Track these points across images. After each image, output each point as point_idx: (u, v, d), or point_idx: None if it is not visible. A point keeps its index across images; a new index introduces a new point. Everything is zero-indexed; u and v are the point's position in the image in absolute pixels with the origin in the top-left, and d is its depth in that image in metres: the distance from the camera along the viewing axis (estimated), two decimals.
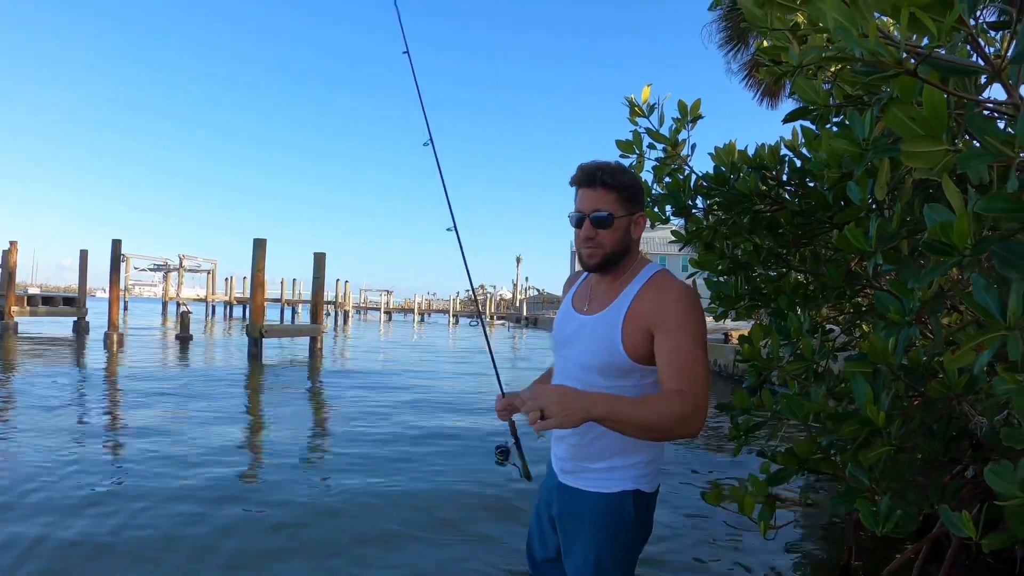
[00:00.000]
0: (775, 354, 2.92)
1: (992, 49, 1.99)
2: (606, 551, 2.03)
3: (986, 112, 1.58)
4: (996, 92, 1.78)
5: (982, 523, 1.50)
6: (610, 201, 1.96)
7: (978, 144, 1.26)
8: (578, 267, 2.20)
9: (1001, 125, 1.51)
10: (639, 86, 3.45)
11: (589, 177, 1.97)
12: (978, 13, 1.40)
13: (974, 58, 1.53)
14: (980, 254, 1.11)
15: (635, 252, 2.08)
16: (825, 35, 2.59)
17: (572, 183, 2.04)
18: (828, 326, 3.48)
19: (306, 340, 22.68)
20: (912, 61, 1.20)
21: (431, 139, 2.64)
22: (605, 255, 1.99)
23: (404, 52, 2.79)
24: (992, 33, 1.97)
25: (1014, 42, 1.16)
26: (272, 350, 21.78)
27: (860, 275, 3.31)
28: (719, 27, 15.82)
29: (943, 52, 1.24)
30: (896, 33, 1.43)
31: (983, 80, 1.81)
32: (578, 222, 1.99)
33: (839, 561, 4.49)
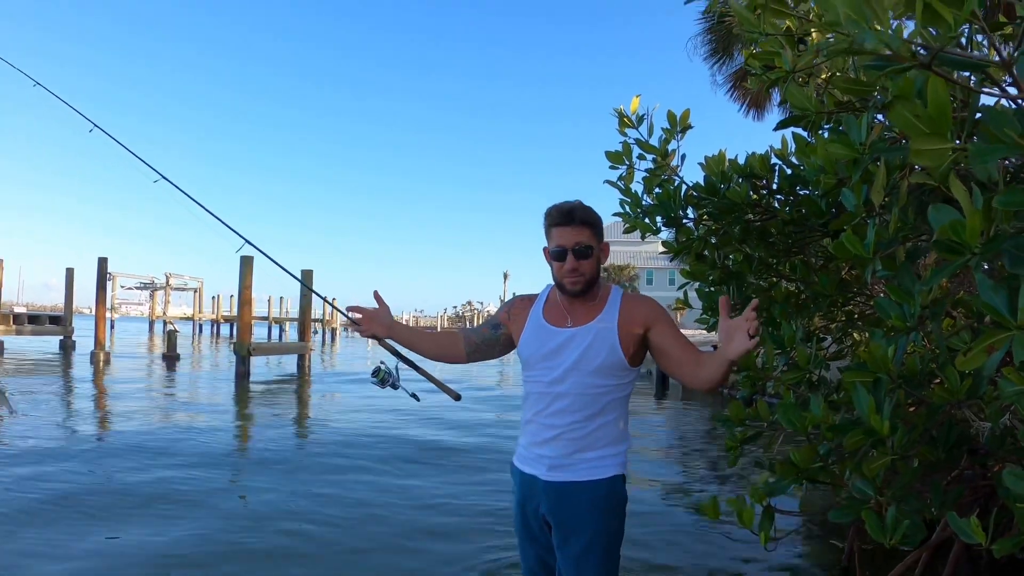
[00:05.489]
0: (770, 364, 2.91)
1: (976, 53, 1.99)
2: (604, 533, 2.23)
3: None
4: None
5: (991, 528, 1.47)
6: (587, 235, 2.24)
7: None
8: (523, 292, 2.60)
9: None
10: (625, 102, 3.43)
11: (567, 216, 2.24)
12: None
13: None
14: (991, 252, 1.09)
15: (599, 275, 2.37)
16: (815, 33, 2.60)
17: (550, 224, 2.28)
18: (819, 335, 3.47)
19: (294, 358, 22.60)
20: (922, 53, 1.19)
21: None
22: (587, 281, 2.26)
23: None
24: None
25: None
26: (260, 368, 21.63)
27: (851, 283, 3.30)
28: (704, 40, 15.97)
29: (950, 48, 1.23)
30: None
31: (972, 81, 1.81)
32: (561, 255, 2.24)
33: (840, 568, 4.47)
